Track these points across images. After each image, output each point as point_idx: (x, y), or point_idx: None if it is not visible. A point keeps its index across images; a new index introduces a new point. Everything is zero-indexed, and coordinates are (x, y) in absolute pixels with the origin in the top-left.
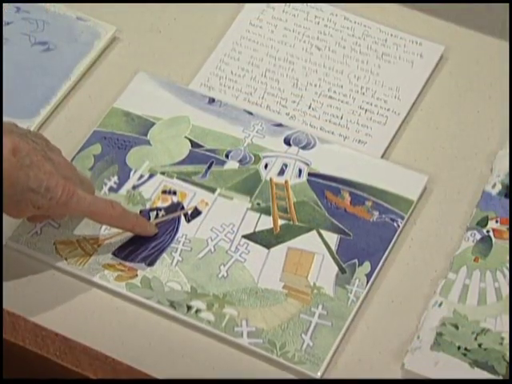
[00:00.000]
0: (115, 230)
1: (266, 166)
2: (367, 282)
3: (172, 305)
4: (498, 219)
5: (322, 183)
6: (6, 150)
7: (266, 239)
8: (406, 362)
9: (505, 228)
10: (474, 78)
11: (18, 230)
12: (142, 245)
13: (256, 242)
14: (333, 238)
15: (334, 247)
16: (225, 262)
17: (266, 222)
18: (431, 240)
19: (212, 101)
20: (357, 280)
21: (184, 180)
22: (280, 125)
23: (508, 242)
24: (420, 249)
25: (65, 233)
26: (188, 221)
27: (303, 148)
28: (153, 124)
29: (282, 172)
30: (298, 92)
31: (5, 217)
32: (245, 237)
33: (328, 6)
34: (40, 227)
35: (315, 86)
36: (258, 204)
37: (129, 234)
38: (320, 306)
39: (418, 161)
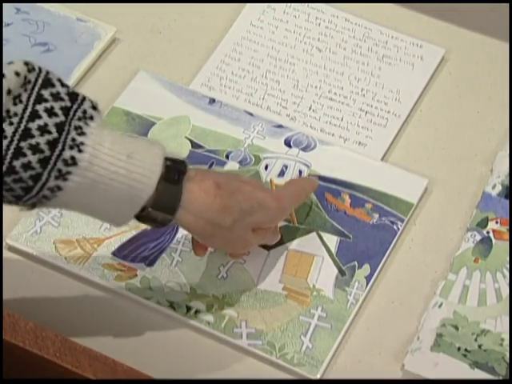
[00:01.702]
0: (115, 230)
1: (266, 167)
2: (367, 285)
3: (171, 305)
4: (498, 220)
5: (322, 185)
6: (212, 186)
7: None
8: (406, 363)
9: (505, 229)
10: (473, 79)
11: (18, 230)
12: (142, 245)
13: None
14: (332, 240)
15: (333, 249)
16: (224, 263)
17: None
18: (431, 241)
19: (212, 101)
20: (356, 282)
21: None
22: (280, 126)
23: (508, 242)
24: (420, 249)
25: (64, 232)
26: None
27: (303, 149)
28: (153, 124)
29: (282, 173)
30: (298, 93)
31: (5, 216)
32: None
33: (329, 8)
34: (40, 226)
35: (316, 87)
36: None
37: (129, 234)
38: (319, 308)
39: (418, 162)
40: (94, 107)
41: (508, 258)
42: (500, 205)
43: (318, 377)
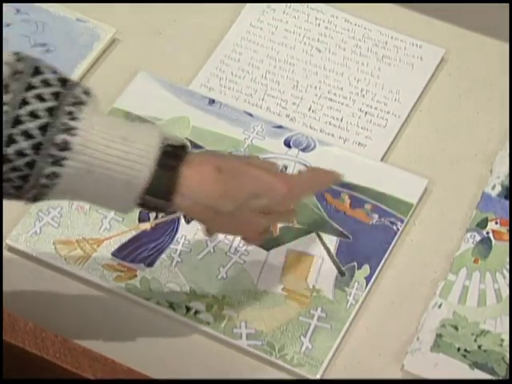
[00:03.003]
0: (115, 231)
1: None
2: (366, 285)
3: (171, 306)
4: (498, 220)
5: None
6: (211, 170)
7: (265, 241)
8: (406, 364)
9: (504, 229)
10: (473, 79)
11: (18, 230)
12: (142, 245)
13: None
14: (332, 241)
15: (333, 250)
16: (224, 263)
17: None
18: (431, 241)
19: (212, 102)
20: (356, 283)
21: None
22: (280, 126)
23: (508, 243)
24: (420, 250)
25: (64, 233)
26: (188, 222)
27: (303, 150)
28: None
29: None
30: (298, 94)
31: (4, 216)
32: None
33: (329, 8)
34: (39, 227)
35: (315, 87)
36: None
37: (128, 234)
38: (319, 309)
39: (417, 162)
40: (87, 92)
41: (508, 259)
42: (500, 205)
43: (318, 377)
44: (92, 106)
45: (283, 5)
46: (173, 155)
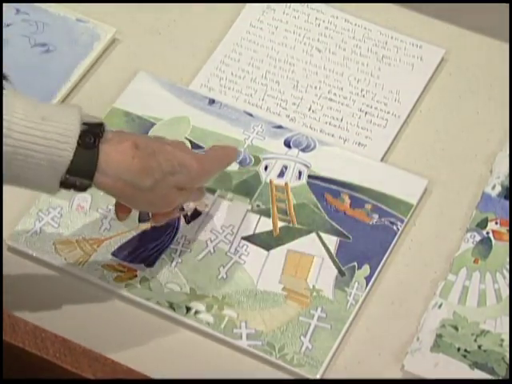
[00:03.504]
0: (115, 231)
1: (265, 168)
2: (366, 285)
3: (171, 306)
4: (498, 221)
5: (321, 185)
6: (129, 147)
7: (265, 241)
8: (406, 364)
9: (504, 229)
10: (473, 79)
11: (18, 230)
12: (142, 245)
13: (255, 243)
14: (332, 241)
15: (333, 250)
16: (224, 263)
17: (265, 224)
18: (431, 241)
19: (212, 102)
20: (356, 283)
21: None
22: (280, 127)
23: (508, 243)
24: (420, 250)
25: (64, 233)
26: (188, 222)
27: (303, 150)
28: (153, 124)
29: (281, 174)
30: (298, 94)
31: (4, 216)
32: (244, 238)
33: (329, 8)
34: (39, 227)
35: (315, 88)
36: (258, 206)
37: (128, 234)
38: (319, 309)
39: (417, 162)
40: (5, 78)
41: (508, 259)
42: (500, 205)
43: (318, 377)
44: (12, 90)
45: (283, 5)
46: (92, 133)
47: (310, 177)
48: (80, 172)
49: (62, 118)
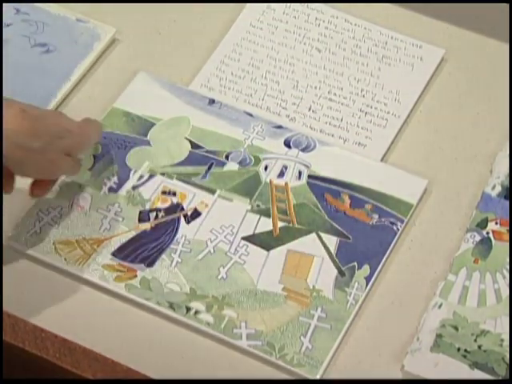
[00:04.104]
0: (115, 231)
1: (265, 168)
2: (366, 285)
3: (171, 306)
4: (498, 221)
5: (321, 186)
6: (18, 111)
7: (265, 241)
8: (406, 364)
9: (504, 229)
10: (473, 79)
11: (18, 230)
12: (142, 245)
13: (255, 243)
14: (332, 241)
15: (333, 250)
16: (224, 263)
17: (265, 224)
18: (431, 241)
19: (212, 102)
20: (356, 283)
21: (184, 181)
22: (280, 127)
23: (508, 243)
24: (420, 250)
25: (64, 233)
26: (188, 222)
27: (303, 150)
28: (153, 124)
29: (281, 174)
30: (298, 94)
31: (4, 216)
32: (244, 239)
33: (328, 8)
34: (39, 227)
35: (315, 88)
36: (258, 206)
37: (128, 234)
38: (319, 309)
39: (417, 163)
40: None
41: (508, 259)
42: (500, 205)
43: (318, 377)
44: None
45: (283, 5)
46: None
47: (309, 177)
48: None
49: None
